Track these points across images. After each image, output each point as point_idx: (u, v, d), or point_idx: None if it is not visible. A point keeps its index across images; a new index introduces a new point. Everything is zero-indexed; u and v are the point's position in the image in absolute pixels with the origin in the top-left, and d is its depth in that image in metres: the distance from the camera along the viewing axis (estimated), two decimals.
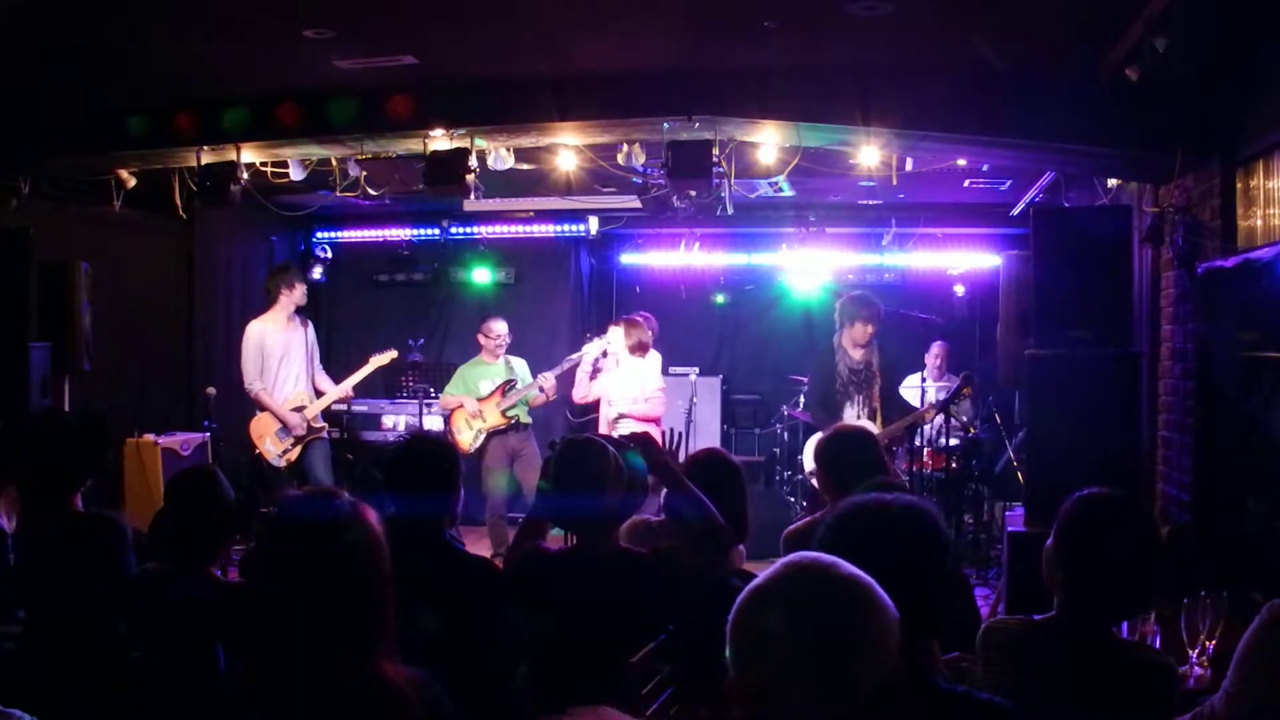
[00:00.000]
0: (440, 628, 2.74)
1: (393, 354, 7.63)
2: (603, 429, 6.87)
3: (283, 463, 7.03)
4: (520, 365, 7.57)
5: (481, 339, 7.49)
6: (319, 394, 7.23)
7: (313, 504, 2.11)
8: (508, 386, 7.35)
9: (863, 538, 1.83)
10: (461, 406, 7.33)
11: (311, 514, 2.01)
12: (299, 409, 7.05)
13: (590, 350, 7.19)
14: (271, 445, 7.01)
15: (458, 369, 7.65)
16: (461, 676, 2.29)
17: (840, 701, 1.32)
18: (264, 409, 7.01)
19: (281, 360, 7.03)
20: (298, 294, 7.09)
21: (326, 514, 1.98)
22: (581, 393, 7.14)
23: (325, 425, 7.36)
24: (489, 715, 2.81)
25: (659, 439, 3.79)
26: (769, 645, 1.35)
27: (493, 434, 7.28)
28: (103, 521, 3.18)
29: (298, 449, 7.08)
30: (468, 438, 7.22)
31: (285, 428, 7.03)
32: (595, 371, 7.22)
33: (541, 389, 7.25)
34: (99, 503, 3.60)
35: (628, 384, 7.05)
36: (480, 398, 7.34)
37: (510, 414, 7.34)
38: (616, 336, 7.12)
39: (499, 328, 7.46)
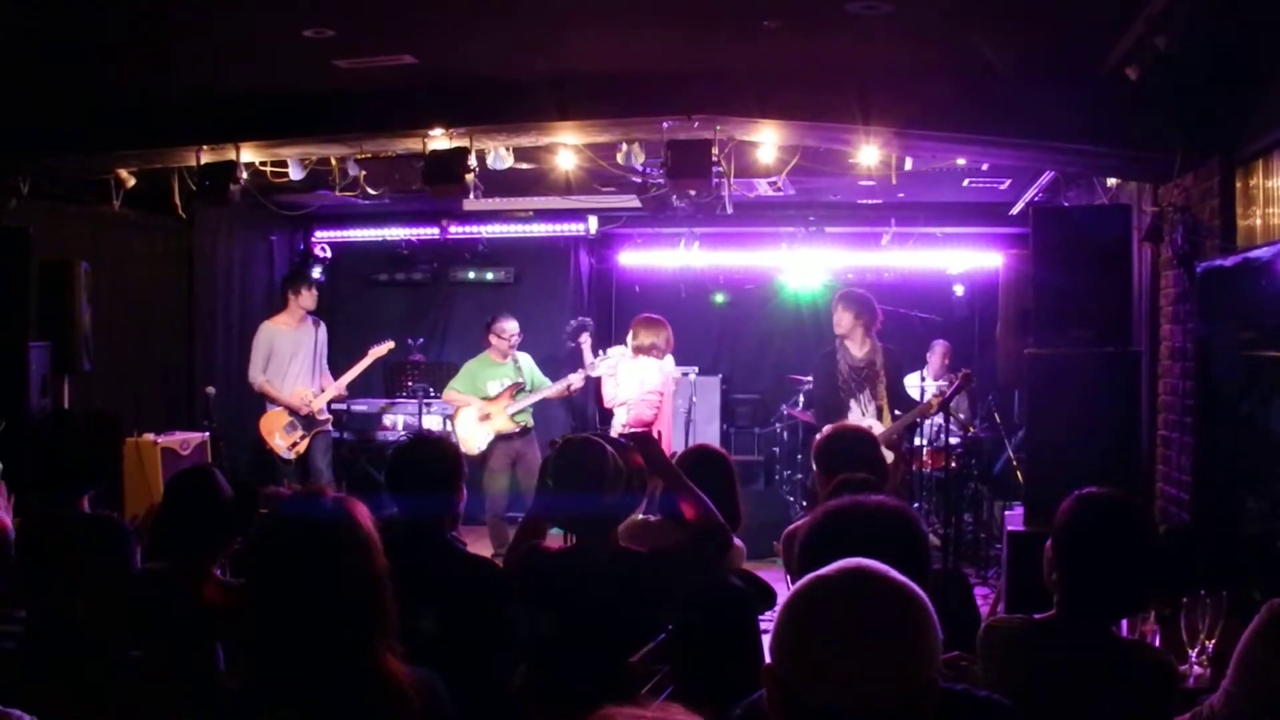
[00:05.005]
0: (441, 627, 2.74)
1: (390, 345, 7.77)
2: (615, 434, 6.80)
3: (292, 455, 7.29)
4: (527, 362, 7.54)
5: (493, 338, 7.43)
6: (323, 390, 7.52)
7: (299, 504, 2.12)
8: (516, 390, 7.32)
9: (842, 541, 1.84)
10: (469, 406, 7.32)
11: (298, 513, 2.03)
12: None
13: (612, 354, 7.08)
14: (280, 439, 7.28)
15: (465, 365, 7.62)
16: (462, 676, 2.29)
17: (874, 701, 1.35)
18: (269, 399, 7.34)
19: (290, 359, 7.41)
20: (304, 299, 7.52)
21: (313, 513, 1.99)
22: (609, 396, 7.05)
23: (329, 418, 7.60)
24: (489, 715, 2.81)
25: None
26: (818, 640, 1.37)
27: (499, 437, 7.26)
28: (105, 522, 3.19)
29: (306, 441, 7.32)
30: (475, 440, 7.19)
31: (293, 420, 7.30)
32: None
33: (570, 387, 7.28)
34: (99, 503, 3.59)
35: (631, 387, 6.87)
36: (487, 398, 7.31)
37: (518, 419, 7.32)
38: (629, 340, 6.94)
39: (510, 327, 7.42)
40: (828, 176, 6.90)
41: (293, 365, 7.39)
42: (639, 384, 6.79)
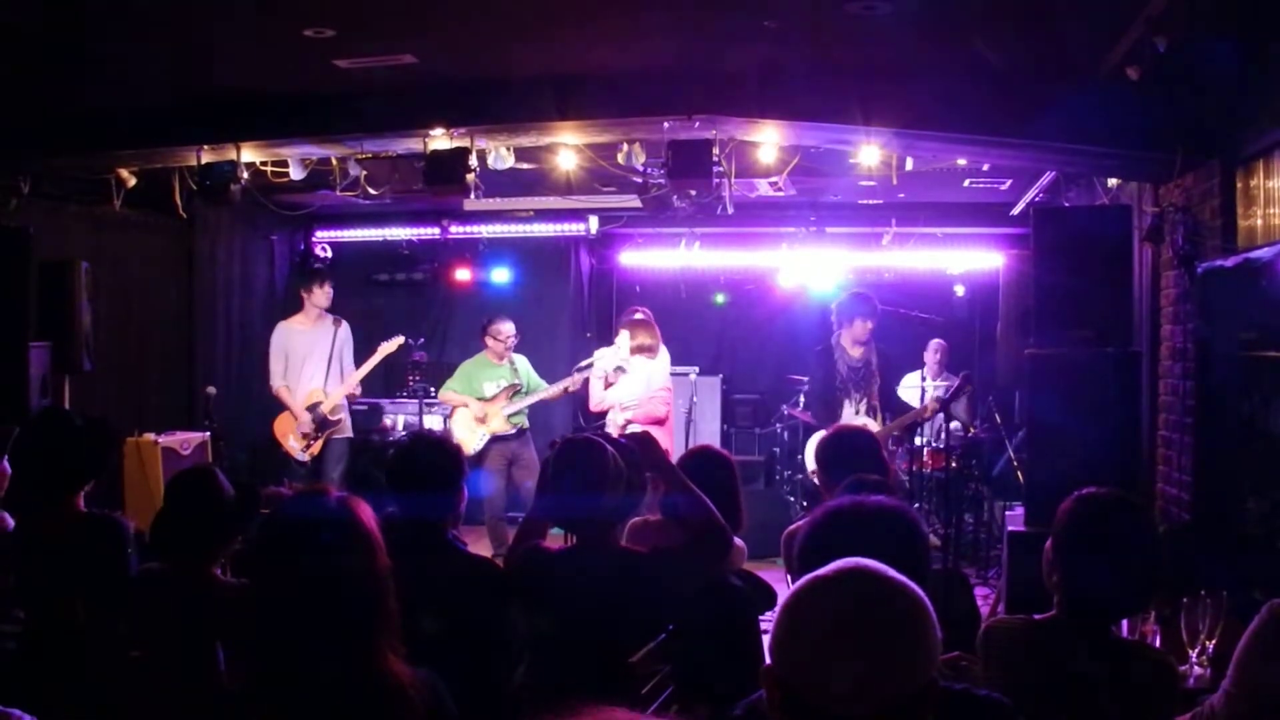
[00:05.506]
0: (442, 627, 2.74)
1: (399, 340, 7.73)
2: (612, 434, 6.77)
3: (306, 457, 7.30)
4: (523, 364, 7.54)
5: (489, 340, 7.44)
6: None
7: (300, 504, 2.12)
8: (513, 392, 7.33)
9: (840, 541, 1.84)
10: (465, 407, 7.32)
11: (300, 513, 2.02)
12: (314, 405, 7.31)
13: (605, 357, 7.09)
14: (294, 441, 7.32)
15: (461, 365, 7.62)
16: (462, 676, 2.29)
17: (874, 701, 1.35)
18: (284, 407, 7.33)
19: (305, 360, 7.38)
20: (317, 297, 7.48)
21: (315, 513, 1.98)
22: (597, 399, 7.03)
23: (343, 419, 7.46)
24: (489, 714, 2.81)
25: (666, 440, 3.79)
26: (818, 641, 1.38)
27: (494, 439, 7.27)
28: (105, 521, 3.18)
29: (319, 443, 7.32)
30: (471, 441, 7.19)
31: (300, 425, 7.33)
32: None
33: (567, 389, 7.29)
34: (99, 502, 3.59)
35: (634, 386, 6.85)
36: (484, 399, 7.32)
37: (514, 420, 7.32)
38: (623, 341, 6.90)
39: (507, 328, 7.42)
40: (828, 176, 6.90)
41: (306, 366, 7.36)
42: (644, 382, 6.77)
